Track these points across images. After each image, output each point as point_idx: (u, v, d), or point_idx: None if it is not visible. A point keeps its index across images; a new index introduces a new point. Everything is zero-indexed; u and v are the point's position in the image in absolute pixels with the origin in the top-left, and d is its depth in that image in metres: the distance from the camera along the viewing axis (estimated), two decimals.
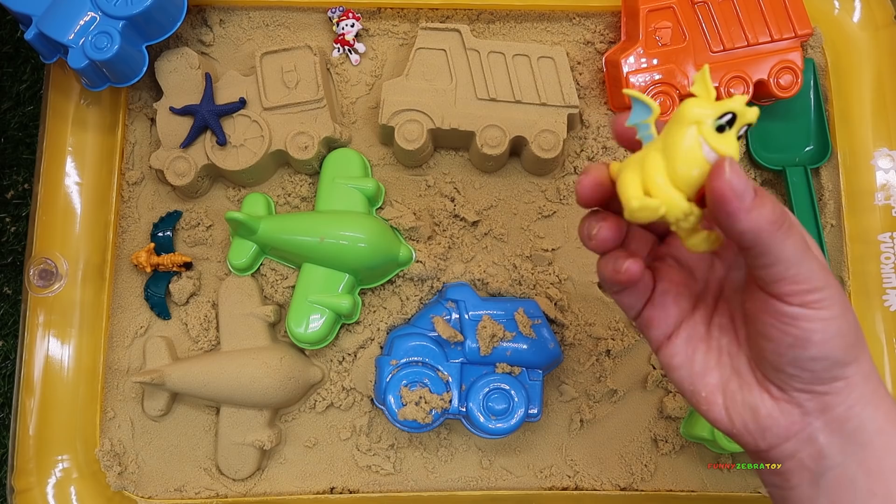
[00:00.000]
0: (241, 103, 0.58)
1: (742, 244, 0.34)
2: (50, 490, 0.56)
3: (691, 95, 0.35)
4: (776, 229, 0.33)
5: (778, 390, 0.36)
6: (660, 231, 0.41)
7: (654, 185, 0.34)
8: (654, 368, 0.60)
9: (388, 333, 0.59)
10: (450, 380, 0.55)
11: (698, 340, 0.39)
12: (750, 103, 0.35)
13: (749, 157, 0.63)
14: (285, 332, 0.58)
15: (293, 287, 0.58)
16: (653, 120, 0.35)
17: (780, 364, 0.35)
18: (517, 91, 0.59)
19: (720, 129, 0.33)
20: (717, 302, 0.40)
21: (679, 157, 0.33)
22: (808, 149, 0.63)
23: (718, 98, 0.34)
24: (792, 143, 0.63)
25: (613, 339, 0.60)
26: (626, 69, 0.59)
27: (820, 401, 0.36)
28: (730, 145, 0.33)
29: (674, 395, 0.59)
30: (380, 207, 0.60)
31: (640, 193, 0.34)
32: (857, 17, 0.63)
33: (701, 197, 0.34)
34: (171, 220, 0.60)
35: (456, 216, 0.61)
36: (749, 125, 0.34)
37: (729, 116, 0.33)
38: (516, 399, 0.55)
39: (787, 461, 0.37)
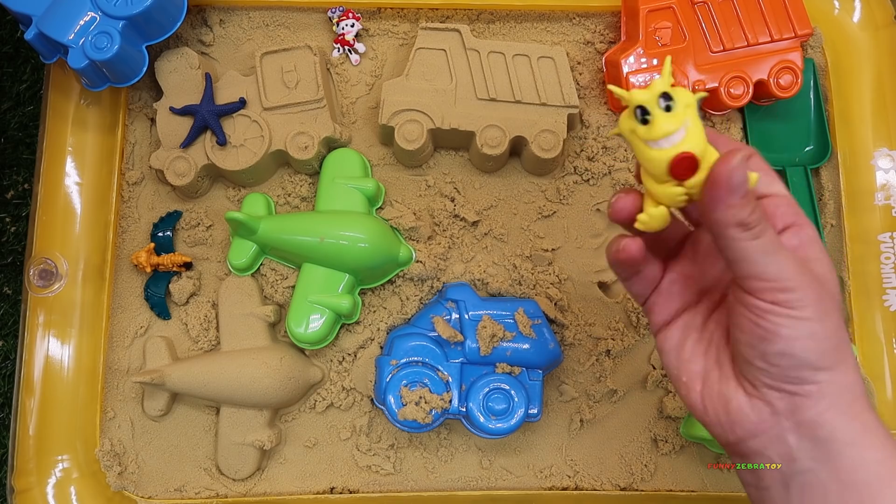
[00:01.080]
0: (241, 103, 0.58)
1: (711, 232, 0.36)
2: (50, 490, 0.56)
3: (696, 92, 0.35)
4: (742, 231, 0.34)
5: (751, 387, 0.37)
6: (692, 218, 0.43)
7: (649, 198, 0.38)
8: (654, 368, 0.60)
9: (388, 333, 0.59)
10: (450, 380, 0.55)
11: (693, 329, 0.41)
12: (749, 103, 0.35)
13: None
14: (285, 332, 0.58)
15: (293, 287, 0.58)
16: None
17: (751, 356, 0.36)
18: (517, 91, 0.59)
19: (668, 108, 0.35)
20: (722, 299, 0.41)
21: (651, 169, 0.36)
22: (808, 149, 0.63)
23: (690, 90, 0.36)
24: (792, 143, 0.63)
25: (613, 339, 0.60)
26: (626, 69, 0.59)
27: (790, 401, 0.36)
28: (672, 120, 0.35)
29: (673, 395, 0.59)
30: (380, 207, 0.60)
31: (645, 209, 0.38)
32: (857, 17, 0.63)
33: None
34: (171, 220, 0.60)
35: (456, 216, 0.61)
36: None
37: (663, 102, 0.35)
38: (516, 399, 0.55)
39: (757, 458, 0.38)
